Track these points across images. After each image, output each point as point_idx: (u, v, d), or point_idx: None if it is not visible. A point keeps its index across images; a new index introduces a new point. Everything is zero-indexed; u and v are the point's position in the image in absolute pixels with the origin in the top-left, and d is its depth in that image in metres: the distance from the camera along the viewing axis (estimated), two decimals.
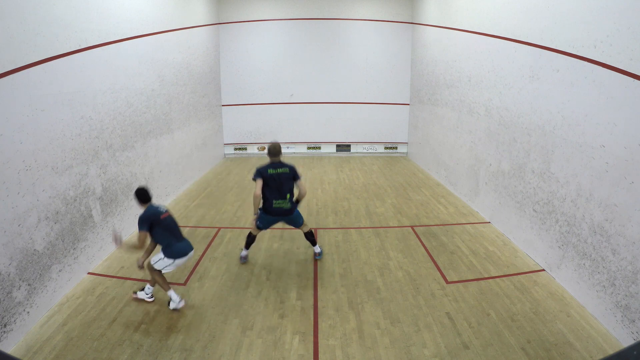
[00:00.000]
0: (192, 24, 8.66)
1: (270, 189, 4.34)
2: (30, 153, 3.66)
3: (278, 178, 4.33)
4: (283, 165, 4.41)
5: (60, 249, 4.06)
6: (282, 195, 4.37)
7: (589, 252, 3.79)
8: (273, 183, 4.32)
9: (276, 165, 4.38)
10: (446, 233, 5.69)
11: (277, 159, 4.42)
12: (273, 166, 4.36)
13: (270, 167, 4.36)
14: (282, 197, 4.37)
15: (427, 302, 3.94)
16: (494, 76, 5.92)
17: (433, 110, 9.09)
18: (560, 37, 4.27)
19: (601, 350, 3.22)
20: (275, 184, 4.33)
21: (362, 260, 4.85)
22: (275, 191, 4.35)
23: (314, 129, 11.55)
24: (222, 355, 3.23)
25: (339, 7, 10.87)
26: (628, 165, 3.31)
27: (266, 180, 4.31)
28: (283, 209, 4.41)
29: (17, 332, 3.38)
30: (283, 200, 4.37)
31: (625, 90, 3.34)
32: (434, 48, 9.03)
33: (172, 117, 7.40)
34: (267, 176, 4.31)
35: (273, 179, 4.32)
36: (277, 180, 4.33)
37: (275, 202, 4.36)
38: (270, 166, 4.36)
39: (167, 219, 3.77)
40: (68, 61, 4.25)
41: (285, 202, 4.38)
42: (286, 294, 4.11)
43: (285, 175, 4.37)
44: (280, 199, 4.36)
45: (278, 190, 4.35)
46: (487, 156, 6.20)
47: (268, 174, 4.31)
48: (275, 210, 4.39)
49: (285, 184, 4.37)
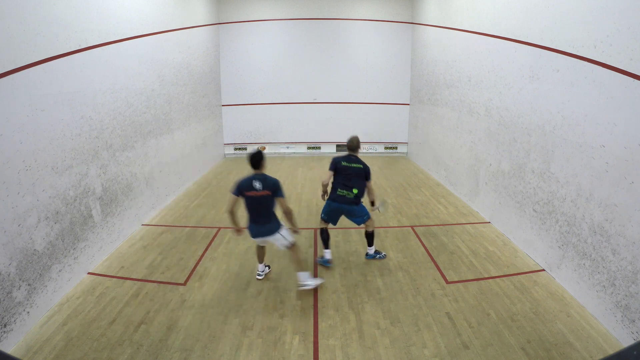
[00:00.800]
0: (192, 24, 8.66)
1: (339, 180, 4.48)
2: (30, 153, 3.66)
3: (352, 171, 4.46)
4: (359, 161, 4.54)
5: (60, 249, 4.06)
6: (349, 188, 4.45)
7: (589, 252, 3.79)
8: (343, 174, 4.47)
9: (352, 159, 4.53)
10: (446, 233, 5.69)
11: (354, 153, 4.60)
12: (348, 159, 4.53)
13: (345, 159, 4.53)
14: (347, 189, 4.45)
15: (427, 302, 3.94)
16: (494, 76, 5.92)
17: (433, 110, 9.09)
18: (560, 37, 4.27)
19: (601, 350, 3.22)
20: (345, 175, 4.46)
21: (362, 260, 4.85)
22: (342, 183, 4.46)
23: (314, 129, 11.55)
24: (222, 355, 3.23)
25: (339, 7, 10.87)
26: (628, 165, 3.31)
27: (338, 171, 4.49)
28: (346, 198, 4.46)
29: (17, 332, 3.38)
30: (348, 192, 4.45)
31: (625, 90, 3.34)
32: (434, 48, 9.02)
33: (172, 117, 7.40)
34: (340, 167, 4.48)
35: (345, 171, 4.47)
36: (345, 171, 4.47)
37: (340, 191, 4.48)
38: (346, 159, 4.54)
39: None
40: (68, 61, 4.25)
41: (349, 193, 4.45)
42: (286, 294, 4.11)
43: (357, 171, 4.48)
44: (346, 190, 4.45)
45: (345, 183, 4.46)
46: (487, 156, 6.20)
47: (342, 165, 4.49)
48: (339, 197, 4.47)
49: (355, 179, 4.46)
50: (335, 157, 4.58)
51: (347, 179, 4.46)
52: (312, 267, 4.69)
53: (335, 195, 4.50)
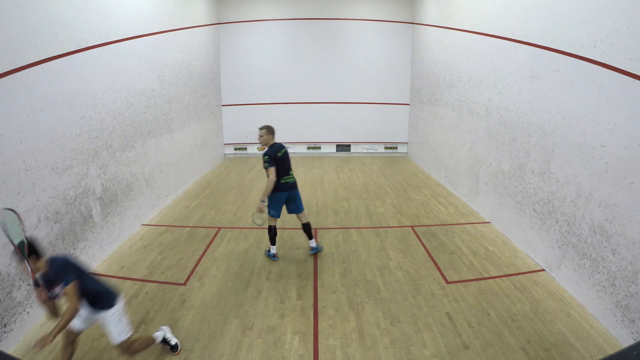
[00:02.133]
0: (192, 24, 8.66)
1: (281, 170, 4.65)
2: (30, 153, 3.66)
3: (286, 158, 4.75)
4: (282, 145, 4.78)
5: (60, 249, 4.06)
6: (287, 172, 4.74)
7: (589, 252, 3.79)
8: (282, 164, 4.68)
9: (280, 147, 4.72)
10: (446, 233, 5.69)
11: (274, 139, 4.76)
12: (280, 149, 4.70)
13: (278, 150, 4.67)
14: (287, 174, 4.73)
15: (427, 302, 3.94)
16: (494, 76, 5.92)
17: (433, 110, 9.09)
18: (560, 37, 4.27)
19: (601, 350, 3.22)
20: (284, 164, 4.70)
21: (362, 260, 4.85)
22: (283, 170, 4.68)
23: (314, 129, 11.55)
24: (222, 355, 3.23)
25: (339, 7, 10.87)
26: (628, 165, 3.31)
27: (278, 163, 4.62)
28: (290, 183, 4.74)
29: (17, 332, 3.38)
30: (289, 176, 4.74)
31: (625, 90, 3.34)
32: (434, 48, 9.03)
33: (172, 117, 7.40)
34: (279, 160, 4.63)
35: (283, 160, 4.69)
36: (285, 160, 4.72)
37: (282, 179, 4.66)
38: (278, 149, 4.67)
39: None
40: (68, 61, 4.25)
41: (290, 177, 4.76)
42: (286, 294, 4.11)
43: (287, 155, 4.79)
44: (286, 175, 4.71)
45: (285, 169, 4.71)
46: (487, 156, 6.20)
47: (280, 158, 4.64)
48: (283, 185, 4.68)
49: (288, 161, 4.79)
50: (269, 153, 4.60)
51: (286, 165, 4.73)
52: (312, 265, 4.69)
53: (280, 184, 4.65)
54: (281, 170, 4.64)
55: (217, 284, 4.34)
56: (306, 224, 4.91)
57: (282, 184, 4.66)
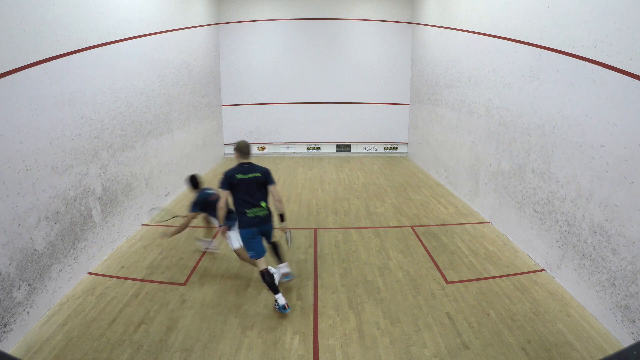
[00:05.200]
0: (192, 24, 8.66)
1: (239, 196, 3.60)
2: (30, 153, 3.66)
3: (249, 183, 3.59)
4: (254, 168, 3.66)
5: (60, 249, 4.06)
6: (254, 203, 3.63)
7: (589, 252, 3.79)
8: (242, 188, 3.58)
9: (245, 168, 3.64)
10: (446, 233, 5.69)
11: (247, 158, 3.68)
12: (243, 170, 3.62)
13: (238, 171, 3.61)
14: (255, 205, 3.63)
15: (427, 302, 3.94)
16: (494, 76, 5.92)
17: (433, 110, 9.09)
18: (560, 37, 4.27)
19: (601, 350, 3.22)
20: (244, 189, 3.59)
21: (362, 260, 4.85)
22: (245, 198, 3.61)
23: (314, 129, 11.55)
24: (222, 355, 3.23)
25: (339, 7, 10.87)
26: (628, 165, 3.31)
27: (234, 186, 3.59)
28: (259, 217, 3.66)
29: (17, 332, 3.38)
30: (258, 208, 3.64)
31: (625, 90, 3.34)
32: (434, 48, 9.02)
33: (172, 117, 7.40)
34: (235, 183, 3.57)
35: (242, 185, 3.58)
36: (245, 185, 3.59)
37: (249, 211, 3.62)
38: (239, 170, 3.62)
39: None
40: (68, 61, 4.25)
41: (259, 209, 3.65)
42: (286, 294, 4.11)
43: (255, 180, 3.62)
44: (254, 207, 3.63)
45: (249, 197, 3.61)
46: (487, 156, 6.20)
47: (237, 179, 3.58)
48: (250, 220, 3.63)
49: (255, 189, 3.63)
50: (226, 172, 3.64)
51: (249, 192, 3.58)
52: (312, 265, 4.69)
53: (246, 218, 3.61)
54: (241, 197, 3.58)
55: (217, 284, 4.34)
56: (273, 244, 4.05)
57: (248, 217, 3.60)
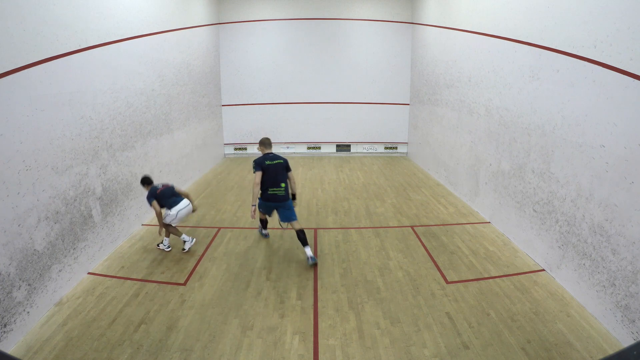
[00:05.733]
0: (192, 24, 8.66)
1: (267, 179, 4.69)
2: (30, 153, 3.66)
3: (276, 168, 4.71)
4: (277, 156, 4.81)
5: (60, 249, 4.06)
6: (277, 184, 4.72)
7: (589, 252, 3.79)
8: (270, 173, 4.69)
9: (271, 156, 4.78)
10: (446, 233, 5.69)
11: (270, 150, 4.88)
12: (270, 157, 4.75)
13: (268, 158, 4.73)
14: (276, 186, 4.71)
15: (427, 302, 3.94)
16: (494, 76, 5.92)
17: (433, 110, 9.09)
18: (560, 37, 4.27)
19: (601, 350, 3.22)
20: (272, 173, 4.69)
21: (362, 260, 4.85)
22: (271, 180, 4.70)
23: (314, 129, 11.55)
24: (222, 355, 3.23)
25: (339, 7, 10.87)
26: (628, 165, 3.31)
27: (265, 171, 4.66)
28: (278, 195, 4.73)
29: (17, 332, 3.38)
30: (278, 189, 4.72)
31: (625, 90, 3.34)
32: (434, 48, 9.03)
33: (172, 117, 7.40)
34: (265, 167, 4.67)
35: (270, 169, 4.69)
36: (273, 170, 4.69)
37: (271, 189, 4.72)
38: (267, 157, 4.74)
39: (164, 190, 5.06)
40: (68, 61, 4.25)
41: (279, 189, 4.73)
42: (286, 294, 4.11)
43: (280, 166, 4.77)
44: (275, 187, 4.71)
45: (274, 180, 4.71)
46: (487, 156, 6.20)
47: (267, 165, 4.68)
48: (271, 195, 4.73)
49: (280, 174, 4.75)
50: (257, 160, 4.71)
51: (274, 176, 4.71)
52: (313, 268, 4.70)
53: (267, 194, 4.73)
54: (267, 179, 4.66)
55: (217, 284, 4.34)
56: (299, 231, 4.74)
57: (269, 194, 4.71)
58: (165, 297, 4.07)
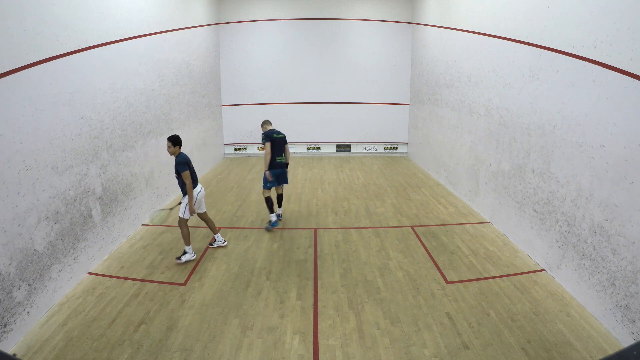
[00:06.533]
0: (192, 24, 8.66)
1: (274, 149, 5.75)
2: (30, 153, 3.66)
3: (280, 141, 5.80)
4: (280, 132, 5.87)
5: (60, 249, 4.06)
6: (280, 154, 5.84)
7: (589, 252, 3.79)
8: (276, 144, 5.76)
9: (276, 131, 5.84)
10: (446, 233, 5.69)
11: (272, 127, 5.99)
12: (276, 132, 5.82)
13: (274, 132, 5.80)
14: (279, 155, 5.84)
15: (427, 302, 3.94)
16: (494, 76, 5.92)
17: (433, 110, 9.09)
18: (560, 37, 4.27)
19: (601, 350, 3.22)
20: (277, 145, 5.77)
21: (362, 260, 4.85)
22: (277, 150, 5.78)
23: (314, 129, 11.55)
24: (222, 355, 3.23)
25: (339, 7, 10.87)
26: (628, 165, 3.31)
27: (272, 142, 5.72)
28: (282, 163, 5.87)
29: (17, 332, 3.38)
30: (281, 158, 5.86)
31: (625, 90, 3.34)
32: (434, 48, 9.03)
33: (172, 117, 7.40)
34: (273, 139, 5.73)
35: (277, 141, 5.76)
36: (278, 142, 5.78)
37: (278, 158, 5.81)
38: (274, 132, 5.81)
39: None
40: (68, 61, 4.25)
41: (282, 158, 5.88)
42: (286, 294, 4.11)
43: (282, 140, 5.85)
44: (279, 156, 5.83)
45: (279, 150, 5.81)
46: (487, 156, 6.20)
47: (274, 137, 5.75)
48: (277, 164, 5.81)
49: (282, 145, 5.85)
50: (266, 132, 5.77)
51: (279, 147, 5.78)
52: (312, 265, 4.70)
53: (275, 162, 5.78)
54: (273, 150, 5.70)
55: (217, 284, 4.34)
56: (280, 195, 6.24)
57: (277, 162, 5.78)
58: (165, 297, 4.07)
